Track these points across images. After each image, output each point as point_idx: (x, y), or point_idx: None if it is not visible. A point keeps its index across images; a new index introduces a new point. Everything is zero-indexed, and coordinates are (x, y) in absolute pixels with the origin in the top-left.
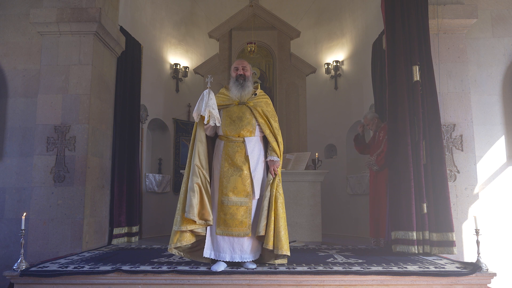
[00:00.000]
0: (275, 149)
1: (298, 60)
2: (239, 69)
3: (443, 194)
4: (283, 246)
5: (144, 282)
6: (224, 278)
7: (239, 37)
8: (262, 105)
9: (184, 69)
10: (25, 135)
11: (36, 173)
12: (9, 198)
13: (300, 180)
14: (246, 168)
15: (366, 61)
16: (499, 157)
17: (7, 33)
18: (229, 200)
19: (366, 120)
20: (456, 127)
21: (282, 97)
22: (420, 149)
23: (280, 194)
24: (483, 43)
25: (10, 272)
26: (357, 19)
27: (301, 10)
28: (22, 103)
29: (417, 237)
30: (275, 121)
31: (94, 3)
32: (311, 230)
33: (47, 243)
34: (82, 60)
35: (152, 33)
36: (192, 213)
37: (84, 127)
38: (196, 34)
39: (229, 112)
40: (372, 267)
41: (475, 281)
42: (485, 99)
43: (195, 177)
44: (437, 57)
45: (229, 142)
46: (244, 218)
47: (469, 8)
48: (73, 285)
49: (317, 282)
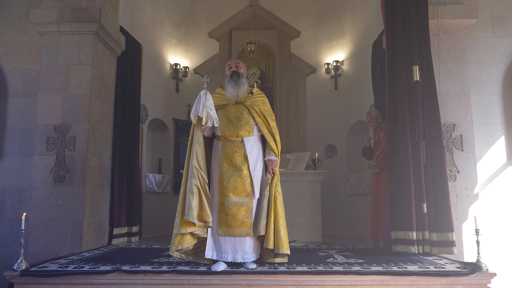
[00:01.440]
0: (273, 148)
1: (298, 60)
2: (232, 67)
3: (443, 194)
4: (284, 245)
5: (144, 282)
6: (224, 278)
7: (239, 37)
8: (259, 104)
9: (184, 69)
10: (25, 135)
11: (36, 173)
12: (9, 198)
13: (300, 180)
14: (246, 168)
15: (366, 61)
16: (499, 157)
17: (7, 33)
18: (230, 201)
19: (369, 116)
20: (456, 127)
21: (282, 97)
22: (420, 149)
23: (279, 193)
24: (483, 43)
25: (10, 272)
26: (357, 19)
27: (301, 10)
28: (22, 103)
29: (417, 237)
30: (272, 120)
31: (94, 3)
32: (311, 230)
33: (47, 243)
34: (82, 60)
35: (152, 33)
36: (192, 215)
37: (84, 127)
38: (196, 34)
39: (227, 112)
40: (372, 267)
41: (475, 281)
42: (485, 99)
43: (193, 179)
44: (437, 57)
45: (228, 142)
46: (246, 218)
47: (469, 8)
48: (73, 285)
49: (317, 282)
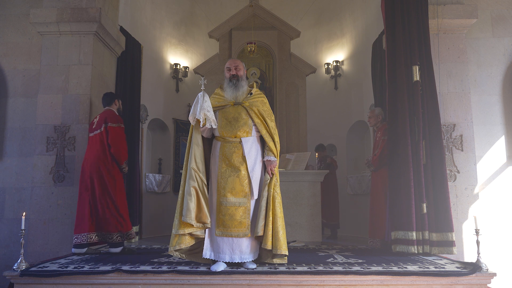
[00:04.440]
0: (272, 149)
1: (298, 60)
2: (232, 69)
3: (443, 194)
4: (282, 246)
5: (144, 282)
6: (224, 278)
7: (239, 37)
8: (258, 104)
9: (184, 69)
10: (25, 135)
11: (36, 173)
12: (9, 198)
13: (300, 180)
14: (244, 168)
15: (366, 61)
16: (499, 157)
17: (7, 33)
18: (228, 201)
19: (372, 112)
20: (456, 127)
21: (282, 97)
22: (420, 149)
23: (277, 194)
24: (483, 43)
25: (10, 272)
26: (357, 19)
27: (301, 10)
28: (22, 103)
29: (417, 237)
30: (271, 120)
31: (94, 3)
32: (311, 230)
33: (47, 243)
34: (82, 60)
35: (152, 33)
36: (190, 217)
37: (84, 127)
38: (196, 34)
39: (225, 113)
40: (372, 267)
41: (475, 281)
42: (485, 99)
43: (191, 180)
44: (437, 57)
45: (226, 143)
46: (243, 218)
47: (469, 8)
48: (73, 285)
49: (317, 282)
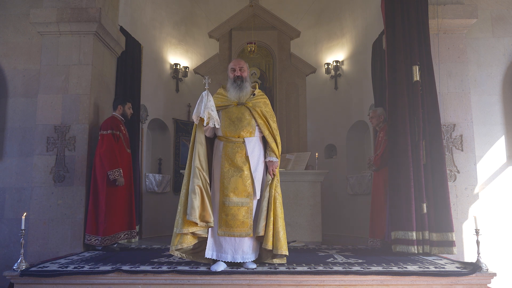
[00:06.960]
0: (274, 149)
1: (298, 60)
2: (236, 70)
3: (443, 194)
4: (282, 246)
5: (144, 282)
6: (224, 278)
7: (239, 37)
8: (261, 105)
9: (184, 69)
10: (25, 135)
11: (36, 173)
12: (9, 198)
13: (300, 180)
14: (247, 168)
15: (366, 61)
16: (499, 157)
17: (7, 33)
18: (230, 201)
19: (374, 112)
20: (456, 127)
21: (282, 97)
22: (420, 149)
23: (278, 194)
24: (483, 43)
25: (10, 272)
26: (357, 19)
27: (301, 10)
28: (22, 103)
29: (417, 237)
30: (273, 121)
31: (94, 3)
32: (311, 230)
33: (47, 243)
34: (82, 60)
35: (152, 33)
36: (194, 215)
37: (84, 127)
38: (196, 34)
39: (228, 113)
40: (372, 267)
41: (475, 281)
42: (485, 99)
43: (196, 179)
44: (437, 57)
45: (229, 143)
46: (246, 218)
47: (469, 8)
48: (73, 285)
49: (317, 282)
